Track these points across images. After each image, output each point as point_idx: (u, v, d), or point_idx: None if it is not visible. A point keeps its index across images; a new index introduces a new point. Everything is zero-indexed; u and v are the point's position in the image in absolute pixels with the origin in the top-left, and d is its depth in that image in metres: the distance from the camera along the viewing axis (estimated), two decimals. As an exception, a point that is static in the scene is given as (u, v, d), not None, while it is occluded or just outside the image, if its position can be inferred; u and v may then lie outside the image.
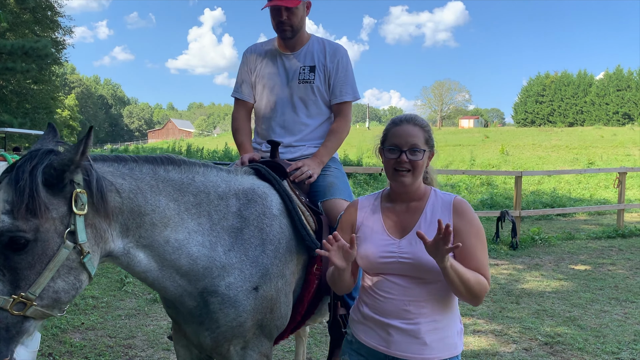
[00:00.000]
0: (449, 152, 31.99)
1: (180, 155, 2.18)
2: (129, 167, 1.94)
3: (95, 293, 5.95)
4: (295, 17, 2.78)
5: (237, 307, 2.08)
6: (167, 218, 1.95)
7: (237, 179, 2.29)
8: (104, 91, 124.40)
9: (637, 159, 26.42)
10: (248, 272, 2.11)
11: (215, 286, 2.06)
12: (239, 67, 3.08)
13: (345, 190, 2.74)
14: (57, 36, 33.32)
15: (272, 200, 2.32)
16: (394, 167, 1.95)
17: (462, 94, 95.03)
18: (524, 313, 5.50)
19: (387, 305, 1.94)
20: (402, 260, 1.91)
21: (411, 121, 2.00)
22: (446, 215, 1.94)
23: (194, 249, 2.00)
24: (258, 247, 2.16)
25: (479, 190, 16.81)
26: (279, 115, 2.90)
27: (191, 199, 2.05)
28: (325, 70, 2.87)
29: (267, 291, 2.15)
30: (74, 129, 71.17)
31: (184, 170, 2.09)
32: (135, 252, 1.89)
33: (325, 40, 2.96)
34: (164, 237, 1.94)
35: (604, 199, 15.99)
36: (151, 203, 1.92)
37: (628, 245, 9.43)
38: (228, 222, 2.14)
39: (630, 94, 69.78)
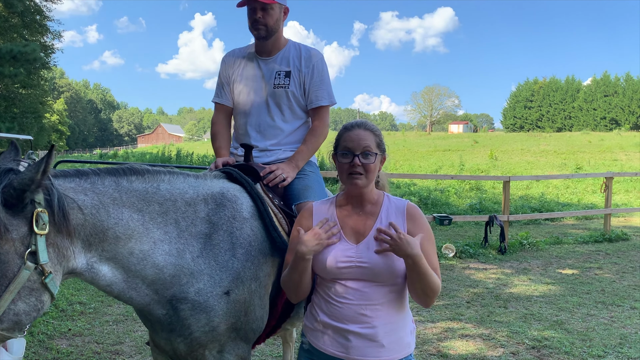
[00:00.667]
0: (438, 157, 32.13)
1: (143, 164, 2.17)
2: (90, 181, 1.91)
3: (83, 299, 5.91)
4: (271, 17, 2.79)
5: (209, 312, 2.08)
6: (131, 230, 1.93)
7: (206, 183, 2.29)
8: (93, 96, 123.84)
9: (624, 163, 26.70)
10: (218, 277, 2.11)
11: (184, 293, 2.05)
12: (219, 72, 3.11)
13: (321, 194, 2.75)
14: (45, 40, 33.15)
15: (242, 204, 2.31)
16: (348, 171, 2.00)
17: (451, 99, 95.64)
18: (512, 317, 5.53)
19: (345, 310, 1.96)
20: (360, 265, 1.95)
21: (362, 126, 2.06)
22: (400, 220, 2.02)
23: (159, 258, 2.00)
24: (228, 251, 2.16)
25: (468, 195, 16.90)
26: (254, 119, 2.91)
27: (157, 207, 2.04)
28: (300, 75, 2.88)
29: (239, 294, 2.15)
30: (62, 134, 70.70)
31: (148, 179, 2.08)
32: (98, 267, 1.87)
33: (302, 45, 2.97)
34: (128, 249, 1.93)
35: (592, 204, 16.12)
36: (114, 216, 1.90)
37: (615, 250, 9.51)
38: (196, 228, 2.13)
39: (617, 99, 70.58)
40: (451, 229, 11.85)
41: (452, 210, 14.03)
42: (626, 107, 69.57)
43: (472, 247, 9.14)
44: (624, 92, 70.64)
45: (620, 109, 70.07)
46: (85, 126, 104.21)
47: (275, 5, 2.80)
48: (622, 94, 70.57)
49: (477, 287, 6.79)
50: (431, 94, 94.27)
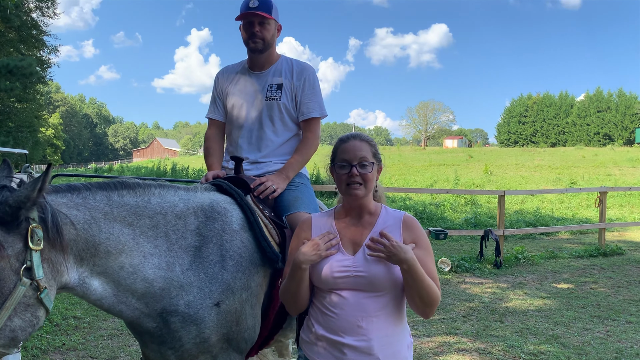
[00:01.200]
0: (433, 171, 32.22)
1: (134, 178, 2.19)
2: (82, 196, 1.93)
3: (77, 313, 5.88)
4: (267, 32, 2.87)
5: (199, 324, 2.10)
6: (122, 244, 1.95)
7: (196, 196, 2.31)
8: (89, 110, 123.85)
9: (618, 178, 26.85)
10: (208, 288, 2.13)
11: (174, 306, 2.07)
12: (213, 88, 3.17)
13: (311, 204, 2.77)
14: (42, 55, 33.21)
15: (232, 216, 2.33)
16: (346, 182, 2.03)
17: (446, 114, 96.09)
18: (508, 331, 5.53)
19: (340, 322, 1.97)
20: (357, 274, 1.96)
21: (357, 137, 2.10)
22: (396, 230, 2.03)
23: (149, 272, 2.01)
24: (217, 263, 2.18)
25: (463, 210, 16.93)
26: (246, 132, 2.95)
27: (147, 221, 2.06)
28: (292, 87, 2.93)
29: (230, 305, 2.17)
30: (57, 148, 70.53)
31: (139, 193, 2.10)
32: (90, 281, 1.89)
33: (294, 59, 3.03)
34: (119, 263, 1.94)
35: (586, 218, 16.18)
36: (105, 231, 1.91)
37: (609, 264, 9.54)
38: (186, 240, 2.15)
39: (610, 115, 71.09)
40: (447, 243, 11.86)
41: (447, 225, 14.05)
42: (619, 123, 70.08)
43: (468, 261, 9.14)
44: (617, 107, 71.19)
45: (614, 124, 70.56)
46: (80, 140, 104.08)
47: (272, 20, 2.88)
48: (615, 110, 71.11)
49: (473, 301, 6.79)
50: (426, 109, 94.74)
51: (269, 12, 2.83)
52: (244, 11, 2.84)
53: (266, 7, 2.82)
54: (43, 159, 59.42)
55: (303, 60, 3.08)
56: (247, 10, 2.81)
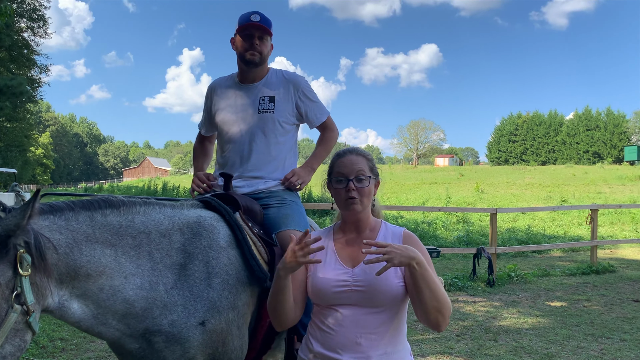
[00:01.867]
0: (425, 189, 32.31)
1: (119, 196, 2.16)
2: (65, 217, 1.90)
3: (64, 335, 5.76)
4: (265, 46, 2.92)
5: (184, 344, 2.05)
6: (103, 266, 1.92)
7: (182, 213, 2.27)
8: (80, 129, 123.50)
9: (608, 196, 27.03)
10: (192, 307, 2.08)
11: (157, 325, 2.02)
12: (204, 101, 3.20)
13: (301, 222, 2.75)
14: (32, 74, 33.22)
15: (219, 232, 2.30)
16: (344, 196, 2.01)
17: (437, 133, 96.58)
18: (502, 350, 5.47)
19: (338, 338, 1.92)
20: (355, 288, 1.92)
21: (354, 151, 2.10)
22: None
23: (130, 293, 1.97)
24: (203, 281, 2.13)
25: (455, 228, 16.92)
26: (237, 146, 2.93)
27: (130, 241, 2.02)
28: (288, 101, 2.95)
29: (215, 324, 2.11)
30: (47, 167, 70.18)
31: (123, 212, 2.07)
32: (68, 304, 1.85)
33: (283, 70, 3.06)
34: (98, 285, 1.90)
35: (578, 236, 16.21)
36: (86, 254, 1.88)
37: (602, 282, 9.52)
38: (171, 259, 2.11)
39: (599, 133, 71.87)
40: (439, 261, 11.81)
41: (439, 243, 14.02)
42: (608, 141, 70.83)
43: (461, 279, 9.10)
44: (605, 126, 72.01)
45: (603, 142, 71.30)
46: (70, 160, 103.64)
47: (270, 37, 2.94)
48: (604, 128, 71.92)
49: (466, 320, 6.73)
50: (417, 128, 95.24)
51: (269, 27, 2.89)
52: (245, 23, 2.85)
53: (267, 22, 2.88)
54: (32, 178, 59.02)
55: None
56: (250, 22, 2.84)
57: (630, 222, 18.91)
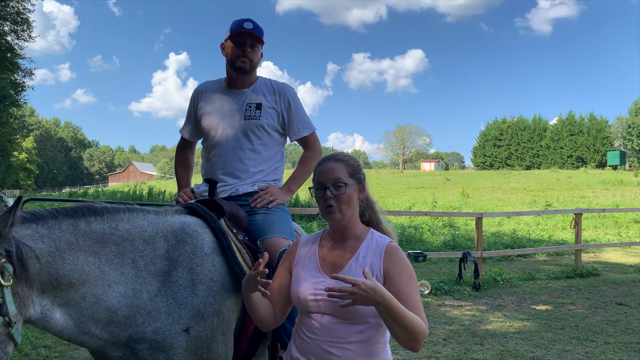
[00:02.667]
0: (411, 194, 32.43)
1: (103, 202, 2.14)
2: (47, 226, 1.87)
3: (48, 342, 5.68)
4: (256, 54, 2.92)
5: (168, 351, 2.03)
6: (86, 275, 1.90)
7: (166, 219, 2.26)
8: (64, 134, 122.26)
9: (592, 200, 27.33)
10: (177, 314, 2.07)
11: (141, 333, 2.01)
12: (189, 105, 3.17)
13: (286, 230, 2.74)
14: (16, 78, 32.81)
15: (203, 239, 2.29)
16: (323, 204, 2.00)
17: (423, 137, 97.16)
18: (488, 354, 5.50)
19: (312, 346, 1.92)
20: (330, 298, 1.87)
21: (332, 158, 2.06)
22: (377, 258, 1.95)
23: (113, 301, 1.95)
24: (187, 287, 2.12)
25: (441, 232, 16.99)
26: (222, 151, 2.92)
27: (113, 249, 2.00)
28: (274, 108, 2.94)
29: (200, 331, 2.11)
30: (31, 172, 69.35)
31: (107, 219, 2.05)
32: (51, 314, 1.83)
33: (272, 80, 3.05)
34: (81, 294, 1.88)
35: (562, 240, 16.37)
36: (69, 263, 1.86)
37: (586, 285, 9.62)
38: (155, 266, 2.09)
39: (583, 138, 72.74)
40: (426, 265, 11.86)
41: (426, 247, 14.07)
42: (591, 146, 71.71)
43: (447, 283, 9.14)
44: (589, 131, 72.91)
45: (586, 147, 72.17)
46: (54, 164, 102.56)
47: (261, 45, 2.95)
48: (587, 133, 72.82)
49: (453, 324, 6.76)
50: (403, 133, 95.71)
51: (262, 35, 2.89)
52: (238, 30, 2.85)
53: (260, 31, 2.89)
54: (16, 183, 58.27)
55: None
56: (243, 29, 2.84)
57: (614, 226, 19.14)
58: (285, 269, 2.11)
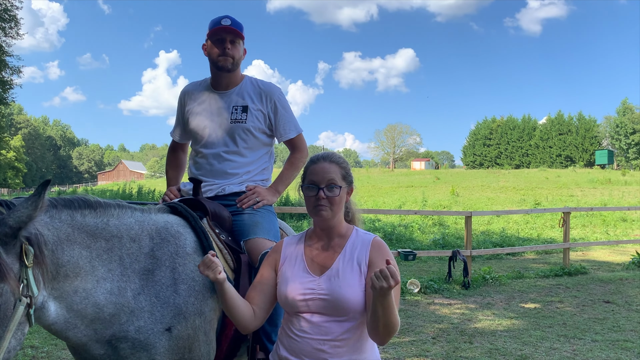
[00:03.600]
0: (401, 193, 32.50)
1: (95, 197, 2.14)
2: (49, 214, 1.89)
3: (35, 342, 5.63)
4: (237, 51, 2.88)
5: (150, 350, 2.04)
6: (79, 268, 1.91)
7: (151, 217, 2.26)
8: (53, 132, 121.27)
9: (580, 199, 27.54)
10: (159, 313, 2.07)
11: (124, 332, 2.01)
12: (177, 107, 3.16)
13: (271, 231, 2.73)
14: (4, 76, 32.49)
15: (185, 239, 2.29)
16: (313, 204, 2.01)
17: (413, 137, 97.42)
18: (477, 352, 5.53)
19: (303, 345, 1.94)
20: (320, 297, 1.93)
21: (327, 159, 2.07)
22: (363, 252, 2.00)
23: (100, 297, 1.96)
24: (170, 287, 2.13)
25: (431, 231, 17.06)
26: (210, 152, 2.91)
27: (103, 244, 2.01)
28: (261, 110, 2.91)
29: (182, 330, 2.11)
30: (19, 171, 68.76)
31: (100, 213, 2.06)
32: (47, 305, 1.83)
33: (259, 80, 3.02)
34: (74, 287, 1.89)
35: (551, 238, 16.48)
36: (67, 254, 1.87)
37: (574, 283, 9.69)
38: (140, 264, 2.10)
39: (571, 137, 73.34)
40: (415, 264, 11.90)
41: (416, 246, 14.12)
42: (580, 145, 72.33)
43: (437, 282, 9.17)
44: (577, 130, 73.56)
45: (575, 146, 72.77)
46: (43, 163, 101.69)
47: (242, 41, 2.90)
48: (576, 133, 73.44)
49: (442, 323, 6.78)
50: (393, 132, 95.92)
51: (241, 31, 2.86)
52: (216, 27, 2.82)
53: (238, 26, 2.85)
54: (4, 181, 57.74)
55: (268, 81, 3.08)
56: (220, 26, 2.81)
57: (601, 225, 19.31)
58: (270, 268, 2.11)
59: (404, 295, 8.40)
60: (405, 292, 8.54)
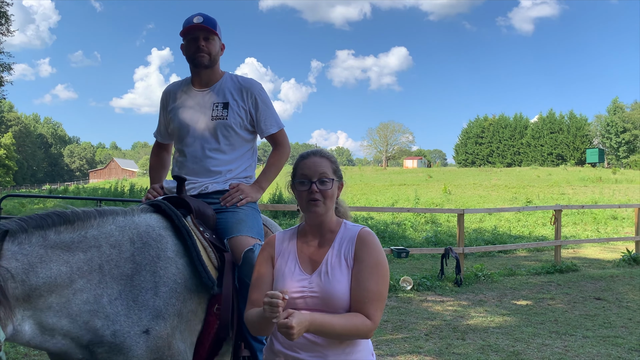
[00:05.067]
0: (394, 191, 32.55)
1: (74, 209, 2.12)
2: (18, 242, 1.86)
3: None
4: (213, 47, 2.88)
5: (126, 353, 2.04)
6: (56, 285, 1.90)
7: (133, 220, 2.26)
8: (44, 130, 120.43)
9: (571, 197, 27.70)
10: (136, 316, 2.08)
11: (99, 337, 2.02)
12: (159, 107, 3.16)
13: (254, 228, 2.73)
14: (-6, 73, 32.21)
15: (167, 242, 2.29)
16: (306, 198, 2.01)
17: (405, 135, 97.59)
18: (470, 349, 5.56)
19: (298, 339, 1.92)
20: (311, 294, 1.94)
21: (317, 153, 2.09)
22: (350, 246, 2.01)
23: (75, 308, 1.96)
24: (149, 290, 2.13)
25: (423, 229, 17.11)
26: (191, 150, 2.91)
27: (82, 256, 2.01)
28: (242, 106, 2.91)
29: (160, 331, 2.11)
30: (9, 169, 68.25)
31: (77, 227, 2.05)
32: (21, 327, 1.83)
33: (239, 76, 3.02)
34: (47, 304, 1.89)
35: (542, 236, 16.56)
36: (42, 275, 1.86)
37: (565, 280, 9.76)
38: (119, 269, 2.10)
39: (563, 136, 73.81)
40: (408, 261, 11.93)
41: (408, 243, 14.16)
42: (571, 144, 72.80)
43: (429, 279, 9.20)
44: (569, 129, 74.03)
45: (566, 145, 73.24)
46: (34, 161, 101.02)
47: (216, 37, 2.89)
48: (567, 131, 73.92)
49: (435, 320, 6.81)
50: (386, 130, 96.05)
51: (213, 27, 2.85)
52: (188, 26, 2.83)
53: (210, 23, 2.84)
54: (-6, 180, 57.26)
55: (248, 76, 3.07)
56: (192, 24, 2.81)
57: (592, 223, 19.44)
58: (268, 263, 2.10)
59: (397, 292, 8.43)
60: (398, 290, 8.57)
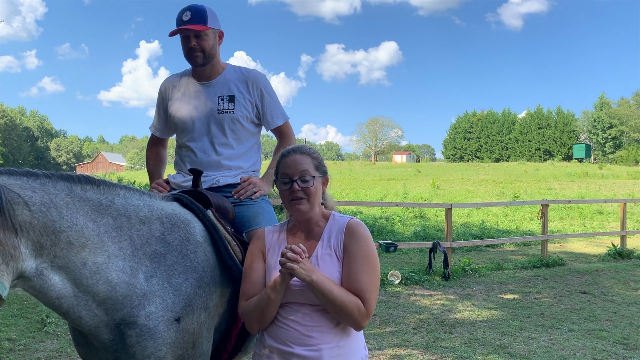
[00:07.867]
0: (383, 186, 32.65)
1: (99, 176, 2.07)
2: (40, 181, 1.79)
3: (12, 335, 5.55)
4: (206, 43, 2.77)
5: (157, 340, 1.96)
6: (85, 238, 1.81)
7: (159, 203, 2.20)
8: (30, 123, 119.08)
9: (558, 192, 27.96)
10: (170, 300, 2.00)
11: (134, 317, 1.93)
12: (157, 101, 3.07)
13: (271, 220, 2.72)
14: (-22, 65, 31.80)
15: (195, 227, 2.24)
16: (289, 197, 2.00)
17: (395, 130, 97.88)
18: (457, 342, 5.59)
19: (291, 332, 1.94)
20: (303, 288, 1.93)
21: (298, 151, 2.06)
22: (339, 237, 2.00)
23: (113, 275, 1.87)
24: (182, 274, 2.07)
25: (412, 223, 17.17)
26: (198, 145, 2.85)
27: (110, 221, 1.93)
28: (246, 98, 2.86)
29: (189, 324, 2.05)
30: (-6, 162, 67.37)
31: (104, 191, 1.97)
32: (49, 274, 1.74)
33: (242, 67, 2.96)
34: (81, 258, 1.80)
35: (529, 231, 16.70)
36: (67, 219, 1.78)
37: (552, 274, 9.85)
38: (151, 247, 2.03)
39: (550, 131, 74.34)
40: (396, 255, 11.97)
41: (397, 238, 14.20)
42: (558, 139, 73.37)
43: (417, 273, 9.24)
44: (556, 124, 74.57)
45: (553, 140, 73.80)
46: (20, 154, 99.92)
47: (209, 30, 2.77)
48: (554, 127, 74.45)
49: (422, 313, 6.84)
50: (375, 125, 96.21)
51: (203, 22, 2.73)
52: (178, 26, 2.74)
53: (200, 18, 2.72)
54: (-21, 173, 56.61)
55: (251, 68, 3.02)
56: (181, 24, 2.72)
57: (579, 217, 19.64)
58: (259, 258, 2.09)
59: (385, 286, 8.46)
60: (386, 284, 8.59)
